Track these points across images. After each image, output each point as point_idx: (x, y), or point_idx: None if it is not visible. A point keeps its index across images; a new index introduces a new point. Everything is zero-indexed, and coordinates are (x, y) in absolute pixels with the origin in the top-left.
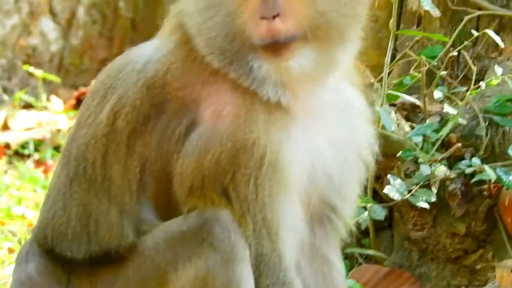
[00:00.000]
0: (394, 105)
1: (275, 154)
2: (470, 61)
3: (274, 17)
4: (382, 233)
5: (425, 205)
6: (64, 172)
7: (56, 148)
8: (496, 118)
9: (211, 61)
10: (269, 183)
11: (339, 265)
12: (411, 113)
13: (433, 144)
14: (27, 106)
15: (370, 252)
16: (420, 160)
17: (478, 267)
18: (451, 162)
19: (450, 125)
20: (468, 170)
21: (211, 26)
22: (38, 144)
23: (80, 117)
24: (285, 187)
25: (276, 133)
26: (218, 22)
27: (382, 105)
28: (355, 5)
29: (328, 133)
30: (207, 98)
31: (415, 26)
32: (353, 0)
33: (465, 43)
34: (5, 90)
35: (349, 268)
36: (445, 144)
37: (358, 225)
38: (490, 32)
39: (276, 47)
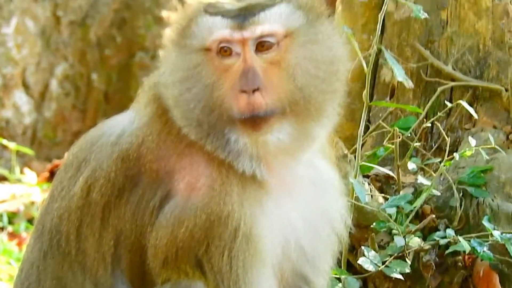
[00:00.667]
0: (367, 176)
1: (249, 227)
2: (443, 132)
3: (254, 91)
4: None
5: (399, 276)
6: (38, 245)
7: (30, 221)
8: (470, 189)
9: (187, 133)
10: (243, 256)
11: None
12: (384, 185)
13: (407, 215)
14: (1, 178)
15: None
16: (394, 231)
17: None
18: (425, 233)
19: (424, 196)
20: (442, 241)
21: (189, 98)
22: (12, 217)
23: (54, 190)
24: (259, 259)
25: (250, 206)
26: (196, 94)
27: (355, 176)
28: (333, 81)
29: (301, 206)
30: (181, 170)
31: (388, 98)
32: (332, 76)
33: (439, 114)
34: None
35: None
36: (419, 215)
37: None
38: (463, 103)
39: (255, 121)
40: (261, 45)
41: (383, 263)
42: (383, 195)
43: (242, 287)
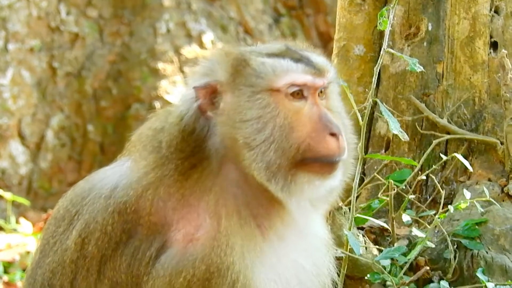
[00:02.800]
0: (362, 228)
1: (248, 279)
2: (438, 185)
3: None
4: None
5: None
6: None
7: (25, 270)
8: (465, 242)
9: (257, 174)
10: None
11: None
12: (379, 237)
13: (401, 267)
14: None
15: None
16: (388, 283)
17: None
18: (420, 285)
19: (418, 248)
20: None
21: (262, 138)
22: (8, 266)
23: (45, 245)
24: None
25: (251, 258)
26: (269, 135)
27: (350, 228)
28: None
29: (295, 258)
30: (179, 221)
31: (383, 150)
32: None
33: (434, 167)
34: None
35: None
36: (413, 267)
37: None
38: (458, 156)
39: (334, 164)
40: (320, 91)
41: None
42: (377, 247)
43: None
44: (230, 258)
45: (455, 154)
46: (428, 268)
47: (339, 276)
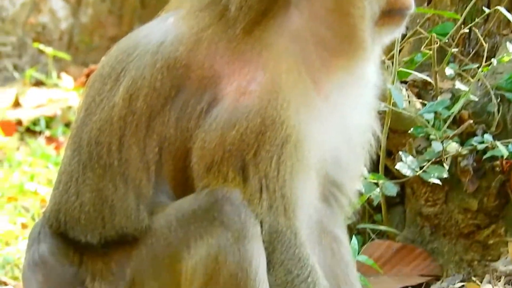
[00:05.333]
0: (405, 82)
1: (302, 134)
2: (481, 38)
3: None
4: (394, 209)
5: (437, 181)
6: (76, 158)
7: (67, 125)
8: (508, 95)
9: (352, 22)
10: (291, 161)
11: (347, 242)
12: (422, 90)
13: (445, 121)
14: (38, 83)
15: (382, 227)
16: (431, 137)
17: (490, 242)
18: (463, 139)
19: (461, 102)
20: (480, 147)
21: None
22: (49, 121)
23: (90, 102)
24: (306, 166)
25: (305, 114)
26: None
27: (393, 82)
28: None
29: (346, 115)
30: (232, 74)
31: (426, 4)
32: None
33: (476, 20)
34: (15, 68)
35: (362, 244)
36: (457, 121)
37: (370, 201)
38: (501, 9)
39: (403, 17)
40: None
41: (421, 168)
42: (420, 100)
43: (288, 193)
44: (286, 112)
45: (498, 7)
46: (471, 121)
47: (382, 130)
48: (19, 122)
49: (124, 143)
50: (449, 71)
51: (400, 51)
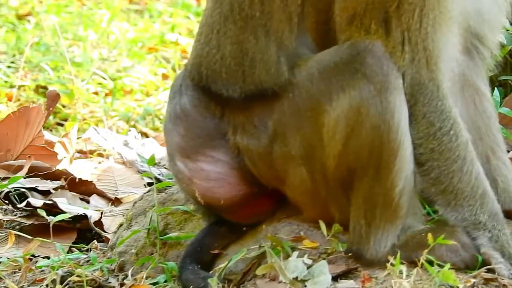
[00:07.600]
0: None
1: None
2: None
3: None
4: None
5: None
6: (218, 9)
7: None
8: None
9: None
10: (434, 14)
11: (489, 94)
12: None
13: None
14: None
15: None
16: None
17: None
18: None
19: None
20: None
21: None
22: None
23: None
24: (449, 18)
25: None
26: None
27: None
28: None
29: None
30: None
31: None
32: None
33: None
34: None
35: (504, 96)
36: None
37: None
38: None
39: None
40: None
41: None
42: None
43: (430, 45)
44: None
45: None
46: None
47: None
48: None
49: None
50: None
51: None
